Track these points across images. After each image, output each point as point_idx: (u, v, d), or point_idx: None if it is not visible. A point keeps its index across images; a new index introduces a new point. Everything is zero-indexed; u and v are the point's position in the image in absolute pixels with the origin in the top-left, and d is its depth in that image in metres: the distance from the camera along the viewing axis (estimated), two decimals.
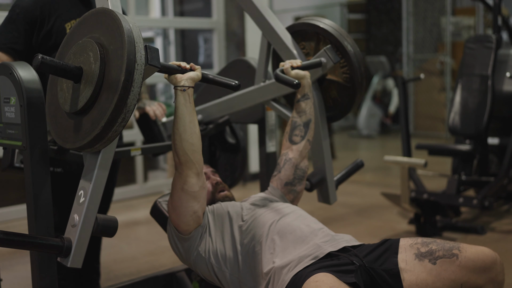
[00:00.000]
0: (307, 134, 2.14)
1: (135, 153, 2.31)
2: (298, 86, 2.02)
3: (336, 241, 1.86)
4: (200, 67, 1.93)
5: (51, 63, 1.59)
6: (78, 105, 1.63)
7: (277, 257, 1.81)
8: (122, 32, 1.55)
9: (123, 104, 1.53)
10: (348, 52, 2.16)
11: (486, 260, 1.76)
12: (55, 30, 2.40)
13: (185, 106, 1.85)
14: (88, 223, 1.75)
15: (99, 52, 1.59)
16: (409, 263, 1.77)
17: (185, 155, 1.85)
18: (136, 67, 1.53)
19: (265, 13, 2.24)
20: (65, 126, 1.70)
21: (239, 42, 5.68)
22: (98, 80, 1.58)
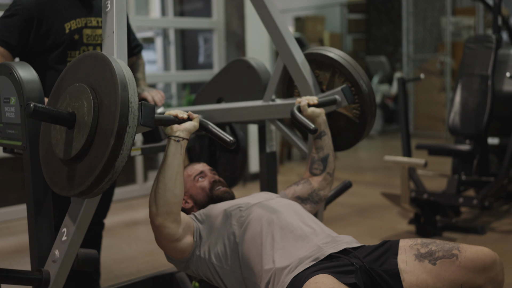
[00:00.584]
0: (326, 168, 2.15)
1: (135, 153, 2.31)
2: (315, 131, 2.00)
3: (336, 243, 1.86)
4: (198, 116, 1.87)
5: (44, 110, 1.56)
6: (71, 153, 1.60)
7: (277, 255, 1.81)
8: (117, 90, 1.50)
9: (111, 166, 1.52)
10: (363, 91, 2.18)
11: (486, 260, 1.76)
12: (54, 30, 2.40)
13: (175, 157, 1.80)
14: (68, 260, 1.79)
15: (92, 105, 1.55)
16: (409, 264, 1.78)
17: (166, 205, 1.79)
18: (128, 130, 1.50)
19: (288, 38, 2.23)
20: (60, 173, 1.67)
21: (239, 42, 5.68)
22: (90, 133, 1.55)
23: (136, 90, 1.55)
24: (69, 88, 1.66)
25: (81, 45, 2.47)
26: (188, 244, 1.92)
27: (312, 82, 2.22)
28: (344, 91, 2.15)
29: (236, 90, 2.55)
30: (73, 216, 1.78)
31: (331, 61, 2.21)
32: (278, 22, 2.23)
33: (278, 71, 2.31)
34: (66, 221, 1.80)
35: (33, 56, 2.40)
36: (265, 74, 2.48)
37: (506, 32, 4.94)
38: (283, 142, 6.60)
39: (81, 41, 2.47)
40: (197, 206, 2.14)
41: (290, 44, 2.23)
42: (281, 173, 6.14)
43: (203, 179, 2.18)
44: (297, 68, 2.22)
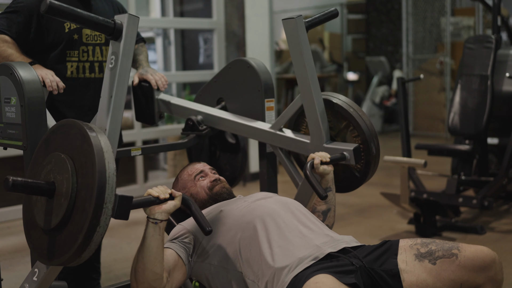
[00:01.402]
0: (325, 220, 2.15)
1: (135, 153, 2.32)
2: (325, 198, 2.02)
3: (335, 242, 1.86)
4: (181, 194, 1.80)
5: (22, 183, 1.56)
6: (50, 224, 1.60)
7: (276, 254, 1.81)
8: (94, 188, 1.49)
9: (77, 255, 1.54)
10: (371, 154, 2.22)
11: (485, 259, 1.76)
12: (54, 28, 2.42)
13: (153, 238, 1.76)
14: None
15: (70, 191, 1.55)
16: (409, 263, 1.78)
17: (146, 283, 1.77)
18: (98, 230, 1.51)
19: (313, 84, 2.23)
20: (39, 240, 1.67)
21: (239, 42, 5.68)
22: (64, 216, 1.56)
23: (114, 187, 1.52)
24: (56, 153, 1.64)
25: (80, 44, 2.48)
26: (179, 280, 1.90)
27: (325, 130, 2.25)
28: (355, 152, 2.18)
29: (236, 90, 2.56)
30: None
31: (348, 115, 2.24)
32: (307, 64, 2.22)
33: (295, 108, 2.33)
34: (39, 263, 1.81)
35: (32, 55, 2.41)
36: (265, 74, 2.49)
37: (505, 32, 4.95)
38: None
39: (80, 40, 2.48)
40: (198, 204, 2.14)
41: (313, 88, 2.23)
42: (281, 173, 6.14)
43: (203, 178, 2.19)
44: (314, 113, 2.24)
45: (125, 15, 1.82)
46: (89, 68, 2.51)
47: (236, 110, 2.55)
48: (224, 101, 2.62)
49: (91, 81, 2.53)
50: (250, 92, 2.50)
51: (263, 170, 2.48)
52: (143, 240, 1.78)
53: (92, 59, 2.52)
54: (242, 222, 1.93)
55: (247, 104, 2.51)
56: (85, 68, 2.50)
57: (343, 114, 2.25)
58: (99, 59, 2.54)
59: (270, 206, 1.98)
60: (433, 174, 4.77)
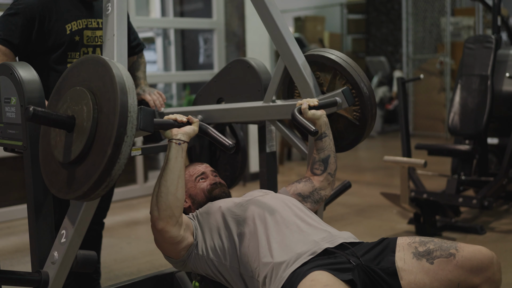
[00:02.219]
0: (327, 168, 2.14)
1: (135, 153, 2.32)
2: (316, 134, 2.01)
3: (333, 237, 1.87)
4: (198, 120, 1.88)
5: (43, 114, 1.57)
6: (70, 157, 1.61)
7: (274, 250, 1.82)
8: (117, 98, 1.51)
9: (107, 174, 1.53)
10: (363, 94, 2.18)
11: (483, 259, 1.76)
12: (55, 30, 2.40)
13: (176, 160, 1.80)
14: (67, 262, 1.80)
15: (92, 112, 1.56)
16: (407, 262, 1.79)
17: (168, 209, 1.79)
18: (125, 140, 1.51)
19: (289, 40, 2.23)
20: (57, 175, 1.68)
21: (239, 42, 5.68)
22: (88, 139, 1.56)
23: (136, 97, 1.56)
24: (70, 91, 1.67)
25: (81, 46, 2.48)
26: (188, 244, 1.93)
27: (312, 83, 2.23)
28: (344, 93, 2.15)
29: (236, 90, 2.56)
30: (72, 219, 1.79)
31: (332, 63, 2.22)
32: (279, 23, 2.23)
33: (279, 72, 2.32)
34: (65, 223, 1.81)
35: (33, 56, 2.41)
36: (265, 75, 2.49)
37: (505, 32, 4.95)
38: (283, 142, 6.60)
39: (82, 42, 2.47)
40: (194, 206, 2.15)
41: (291, 45, 2.23)
42: (281, 173, 6.14)
43: (204, 180, 2.19)
44: (298, 69, 2.22)
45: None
46: None
47: None
48: (224, 101, 2.62)
49: None
50: (250, 92, 2.50)
51: (263, 170, 2.48)
52: (166, 163, 1.81)
53: None
54: (240, 218, 1.94)
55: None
56: None
57: (327, 64, 2.23)
58: None
59: (268, 202, 1.99)
60: (433, 174, 4.77)
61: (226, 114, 2.49)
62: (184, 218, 1.93)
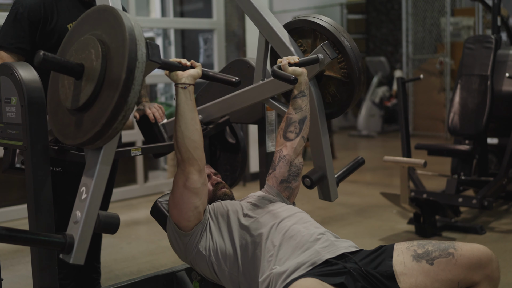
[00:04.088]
0: (302, 131, 2.12)
1: (135, 153, 2.32)
2: (295, 81, 2.01)
3: (335, 247, 1.86)
4: (200, 65, 1.94)
5: (53, 59, 1.60)
6: (79, 102, 1.64)
7: (275, 264, 1.82)
8: (124, 30, 1.56)
9: (123, 102, 1.55)
10: (345, 47, 2.16)
11: (481, 257, 1.78)
12: (57, 29, 2.41)
13: (186, 103, 1.86)
14: (90, 220, 1.74)
15: (100, 50, 1.60)
16: (407, 265, 1.79)
17: (187, 152, 1.86)
18: (137, 65, 1.55)
19: (263, 11, 2.24)
20: (66, 123, 1.71)
21: (239, 42, 5.68)
22: (99, 77, 1.59)
23: (141, 31, 1.59)
24: (74, 45, 1.71)
25: None
26: (198, 207, 1.93)
27: (293, 48, 2.22)
28: (324, 47, 2.14)
29: (237, 90, 2.56)
30: (90, 173, 1.73)
31: (310, 24, 2.20)
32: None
33: (261, 48, 2.31)
34: (83, 180, 1.75)
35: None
36: None
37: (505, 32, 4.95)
38: None
39: None
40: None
41: (265, 16, 2.23)
42: None
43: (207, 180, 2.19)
44: (276, 36, 2.22)
45: None
46: None
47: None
48: None
49: None
50: None
51: (263, 170, 2.48)
52: (177, 108, 1.87)
53: None
54: (245, 226, 1.95)
55: None
56: None
57: (306, 27, 2.23)
58: None
59: (272, 211, 1.99)
60: (433, 174, 4.77)
61: (222, 107, 2.49)
62: (206, 178, 1.97)
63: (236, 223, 1.97)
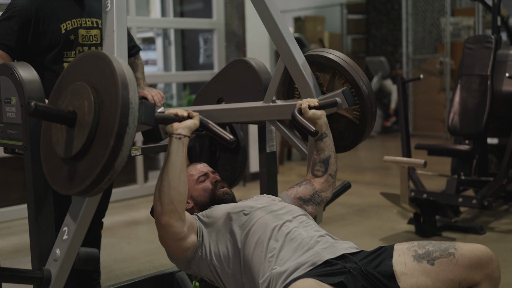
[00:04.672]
0: (328, 169, 2.13)
1: (135, 153, 2.32)
2: (316, 134, 2.01)
3: (335, 248, 1.86)
4: (198, 114, 1.87)
5: (45, 109, 1.57)
6: (71, 152, 1.60)
7: (276, 265, 1.82)
8: (118, 90, 1.51)
9: (110, 166, 1.52)
10: (363, 93, 2.18)
11: (482, 256, 1.78)
12: (50, 30, 2.42)
13: (177, 154, 1.79)
14: (69, 259, 1.80)
15: (93, 105, 1.56)
16: (408, 265, 1.79)
17: (171, 204, 1.78)
18: (128, 131, 1.51)
19: (289, 40, 2.23)
20: (59, 171, 1.67)
21: (239, 42, 5.68)
22: (90, 132, 1.55)
23: (136, 90, 1.55)
24: (70, 87, 1.67)
25: (76, 45, 2.49)
26: (192, 242, 1.92)
27: (312, 83, 2.23)
28: (344, 93, 2.15)
29: (236, 90, 2.56)
30: (74, 215, 1.79)
31: (331, 62, 2.22)
32: (279, 23, 2.23)
33: (279, 72, 2.32)
34: (67, 220, 1.81)
35: (29, 58, 2.41)
36: (265, 75, 2.49)
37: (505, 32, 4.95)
38: (283, 142, 6.60)
39: (77, 41, 2.49)
40: (197, 207, 2.14)
41: (291, 46, 2.23)
42: (281, 173, 6.14)
43: (204, 180, 2.19)
44: (298, 69, 2.23)
45: None
46: None
47: None
48: (224, 101, 2.62)
49: None
50: (250, 92, 2.50)
51: (263, 170, 2.48)
52: (167, 157, 1.80)
53: None
54: (246, 227, 1.94)
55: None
56: None
57: (326, 63, 2.23)
58: None
59: (274, 211, 1.99)
60: (433, 174, 4.77)
61: (227, 114, 2.49)
62: (188, 216, 1.92)
63: (238, 224, 1.96)
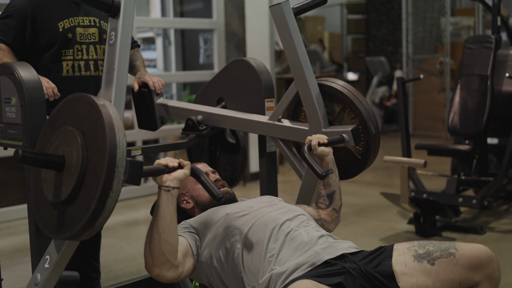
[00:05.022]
0: (331, 204, 2.14)
1: (135, 153, 2.32)
2: (324, 178, 2.03)
3: (334, 248, 1.86)
4: (189, 163, 1.81)
5: (32, 156, 1.56)
6: (60, 197, 1.59)
7: (275, 265, 1.82)
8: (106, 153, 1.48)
9: (90, 225, 1.52)
10: (370, 133, 2.22)
11: (482, 256, 1.78)
12: (48, 28, 2.44)
13: (167, 206, 1.75)
14: (49, 285, 1.82)
15: (81, 159, 1.54)
16: (409, 265, 1.79)
17: (162, 255, 1.74)
18: (111, 195, 1.49)
19: (306, 69, 2.23)
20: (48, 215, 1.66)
21: (239, 42, 5.68)
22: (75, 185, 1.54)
23: (125, 151, 1.52)
24: (63, 128, 1.64)
25: (74, 43, 2.50)
26: (189, 267, 1.89)
27: (322, 114, 2.24)
28: (353, 132, 2.18)
29: (236, 90, 2.56)
30: (57, 247, 1.80)
31: (343, 97, 2.24)
32: (299, 51, 2.22)
33: (290, 95, 2.33)
34: (50, 249, 1.82)
35: (27, 58, 2.42)
36: (265, 75, 2.49)
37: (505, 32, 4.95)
38: None
39: (75, 39, 2.50)
40: (198, 207, 2.14)
41: (307, 75, 2.23)
42: (281, 173, 6.14)
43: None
44: (311, 99, 2.24)
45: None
46: (84, 66, 2.53)
47: (236, 110, 2.55)
48: (224, 101, 2.62)
49: (87, 79, 2.54)
50: (250, 92, 2.50)
51: (263, 170, 2.48)
52: (156, 210, 1.76)
53: (87, 58, 2.53)
54: (245, 227, 1.93)
55: (247, 104, 2.51)
56: (80, 66, 2.52)
57: (338, 97, 2.25)
58: (94, 58, 2.55)
59: (274, 211, 1.98)
60: (433, 174, 4.77)
61: (229, 121, 2.50)
62: (182, 245, 1.87)
63: (237, 225, 1.95)
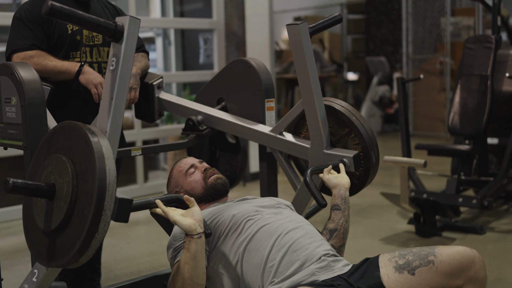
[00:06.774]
0: (331, 239, 2.06)
1: (135, 153, 2.32)
2: (325, 206, 2.03)
3: (331, 269, 1.83)
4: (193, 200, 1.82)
5: (23, 185, 1.56)
6: (50, 226, 1.59)
7: (274, 277, 1.81)
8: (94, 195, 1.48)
9: (74, 261, 1.53)
10: (370, 162, 2.23)
11: (462, 260, 1.76)
12: (58, 30, 2.44)
13: (201, 253, 1.77)
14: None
15: (70, 195, 1.53)
16: (391, 277, 1.79)
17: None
18: (96, 236, 1.49)
19: (316, 92, 2.23)
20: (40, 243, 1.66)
21: (239, 42, 5.69)
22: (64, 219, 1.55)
23: (115, 193, 1.51)
24: (57, 155, 1.63)
25: (81, 45, 2.50)
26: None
27: (326, 136, 2.25)
28: (354, 159, 2.19)
29: (237, 90, 2.56)
30: None
31: (350, 123, 2.24)
32: (311, 73, 2.22)
33: (296, 112, 2.34)
34: (38, 265, 1.81)
35: None
36: (265, 75, 2.49)
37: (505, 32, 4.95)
38: None
39: (81, 41, 2.50)
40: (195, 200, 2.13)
41: (316, 97, 2.23)
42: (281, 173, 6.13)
43: (194, 172, 2.17)
44: (316, 121, 2.24)
45: (126, 17, 1.81)
46: None
47: (236, 110, 2.55)
48: (224, 101, 2.62)
49: None
50: (250, 92, 2.50)
51: (263, 170, 2.48)
52: (191, 259, 1.75)
53: (91, 60, 2.52)
54: (249, 233, 1.92)
55: (247, 104, 2.51)
56: None
57: (345, 121, 2.26)
58: (98, 60, 2.55)
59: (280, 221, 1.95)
60: (433, 174, 4.77)
61: (231, 127, 2.49)
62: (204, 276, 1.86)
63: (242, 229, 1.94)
